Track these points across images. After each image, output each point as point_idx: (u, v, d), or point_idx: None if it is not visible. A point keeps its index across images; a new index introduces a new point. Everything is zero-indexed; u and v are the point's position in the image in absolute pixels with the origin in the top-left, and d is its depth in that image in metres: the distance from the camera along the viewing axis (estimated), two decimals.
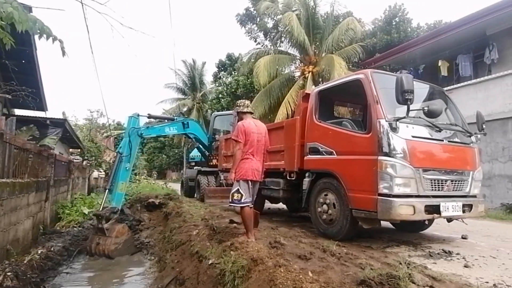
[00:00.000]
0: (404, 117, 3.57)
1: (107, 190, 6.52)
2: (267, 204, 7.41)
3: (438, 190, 3.83)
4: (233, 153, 4.06)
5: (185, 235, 5.09)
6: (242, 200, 3.74)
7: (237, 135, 3.82)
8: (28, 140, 6.50)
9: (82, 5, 4.77)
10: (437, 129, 3.97)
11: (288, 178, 5.23)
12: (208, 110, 28.33)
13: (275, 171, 5.42)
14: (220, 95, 24.75)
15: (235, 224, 4.75)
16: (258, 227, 4.46)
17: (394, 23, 18.43)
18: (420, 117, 3.97)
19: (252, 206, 3.88)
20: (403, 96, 3.38)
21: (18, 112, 11.27)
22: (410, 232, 4.87)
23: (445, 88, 6.77)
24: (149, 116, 8.53)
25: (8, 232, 4.59)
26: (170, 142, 38.01)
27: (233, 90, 22.92)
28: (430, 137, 3.91)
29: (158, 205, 8.17)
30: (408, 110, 3.50)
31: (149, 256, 6.06)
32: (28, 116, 10.67)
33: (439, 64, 11.84)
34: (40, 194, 6.53)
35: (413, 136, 3.71)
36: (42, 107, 10.68)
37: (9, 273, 3.89)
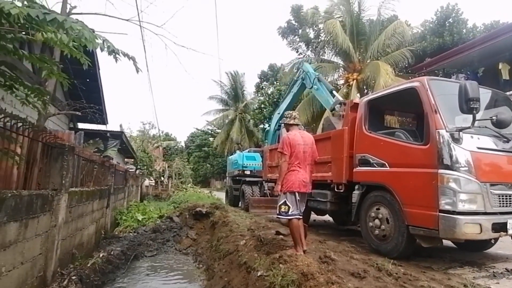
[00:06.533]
0: (469, 127, 3.30)
1: None
2: (313, 216, 7.25)
3: (507, 206, 3.45)
4: (278, 164, 4.06)
5: (232, 245, 5.17)
6: (290, 212, 3.71)
7: (283, 147, 3.82)
8: (94, 152, 7.15)
9: (141, 28, 5.19)
10: (505, 139, 3.61)
11: (336, 190, 5.09)
12: (250, 120, 28.76)
13: (321, 183, 5.30)
14: (263, 105, 25.03)
15: (281, 236, 4.72)
16: (306, 239, 4.37)
17: (447, 24, 17.19)
18: (486, 127, 3.64)
19: (300, 218, 3.84)
20: (468, 105, 3.14)
21: (81, 125, 12.46)
22: (474, 252, 4.44)
23: (508, 93, 6.12)
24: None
25: (74, 237, 5.00)
26: (213, 151, 39.20)
27: (275, 100, 23.04)
28: (497, 148, 3.56)
29: (205, 214, 8.43)
30: (474, 119, 3.22)
31: (198, 264, 6.25)
32: (91, 129, 11.80)
33: (500, 67, 10.77)
34: (103, 201, 7.12)
35: (478, 148, 3.41)
36: (103, 121, 11.75)
37: (73, 277, 4.08)
